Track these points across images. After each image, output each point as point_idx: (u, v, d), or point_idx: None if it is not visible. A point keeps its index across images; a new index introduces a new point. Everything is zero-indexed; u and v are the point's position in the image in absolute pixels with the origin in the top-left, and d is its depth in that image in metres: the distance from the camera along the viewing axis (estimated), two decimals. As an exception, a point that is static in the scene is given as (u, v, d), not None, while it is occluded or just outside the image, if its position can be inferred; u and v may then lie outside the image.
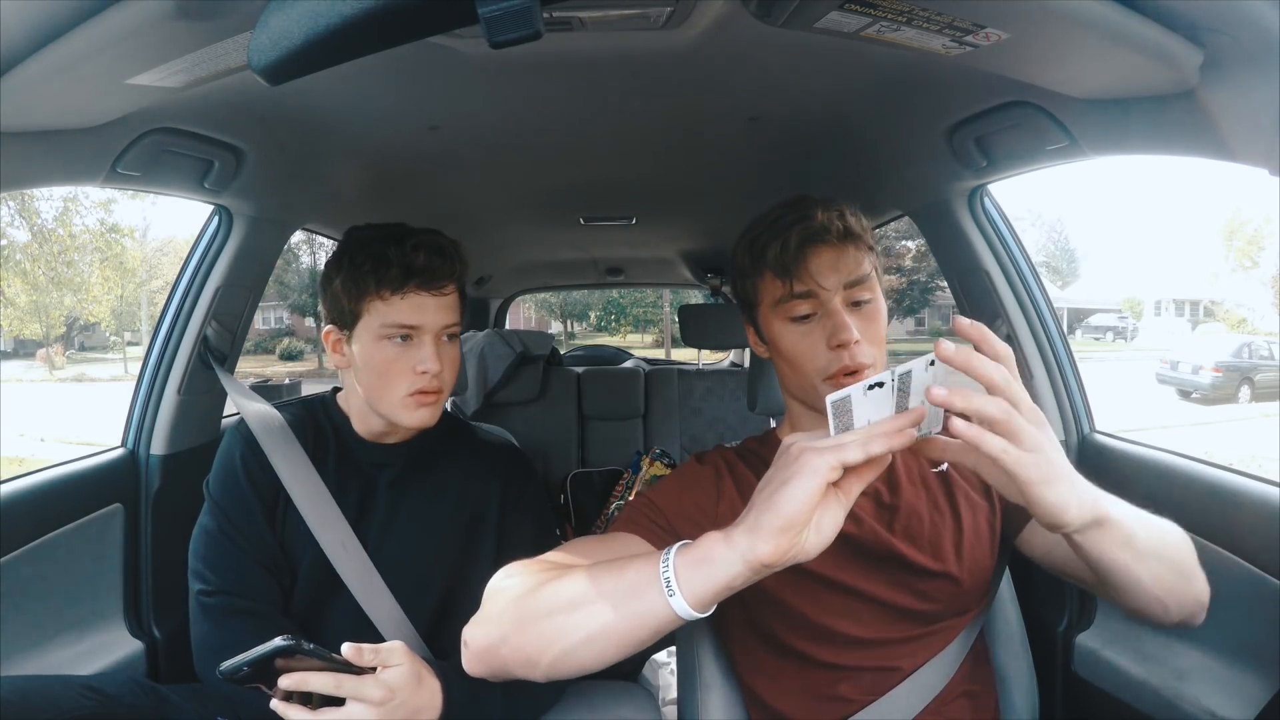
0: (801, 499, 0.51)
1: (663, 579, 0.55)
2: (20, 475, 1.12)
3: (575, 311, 24.77)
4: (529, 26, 0.46)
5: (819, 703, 0.82)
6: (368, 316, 0.94)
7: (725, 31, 0.81)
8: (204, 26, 0.60)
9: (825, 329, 0.80)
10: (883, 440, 0.51)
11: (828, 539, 0.53)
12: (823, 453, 0.52)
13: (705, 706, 0.91)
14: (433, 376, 0.95)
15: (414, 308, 0.93)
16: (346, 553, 0.97)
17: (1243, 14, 0.56)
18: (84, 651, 1.14)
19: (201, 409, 1.38)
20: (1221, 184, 29.22)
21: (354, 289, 0.94)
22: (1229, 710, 0.89)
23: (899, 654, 0.82)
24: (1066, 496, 0.53)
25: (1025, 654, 0.97)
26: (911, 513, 0.83)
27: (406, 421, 0.97)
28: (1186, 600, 0.68)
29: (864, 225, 0.83)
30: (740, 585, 0.54)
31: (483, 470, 1.07)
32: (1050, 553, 0.80)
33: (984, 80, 0.85)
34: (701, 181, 1.62)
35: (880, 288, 0.85)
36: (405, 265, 0.92)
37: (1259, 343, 11.98)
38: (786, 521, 0.51)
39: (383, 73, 0.92)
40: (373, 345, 0.94)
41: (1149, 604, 0.66)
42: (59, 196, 10.66)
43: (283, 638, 0.68)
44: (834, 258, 0.80)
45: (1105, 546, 0.59)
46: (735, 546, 0.53)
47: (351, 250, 0.95)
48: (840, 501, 0.54)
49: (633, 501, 0.84)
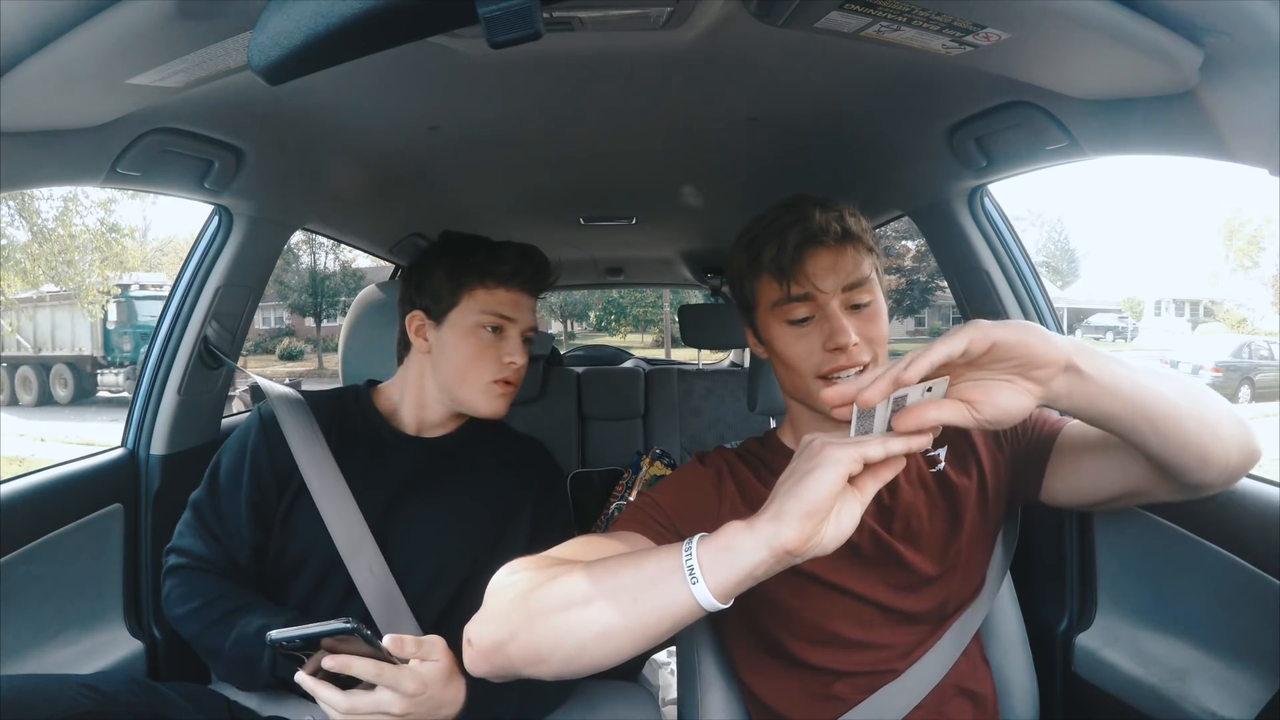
0: (826, 486, 0.52)
1: (685, 567, 0.54)
2: (20, 475, 1.12)
3: (575, 311, 24.78)
4: (529, 26, 0.46)
5: (815, 702, 0.82)
6: (466, 303, 1.02)
7: (725, 31, 0.81)
8: (204, 26, 0.60)
9: (823, 332, 0.79)
10: (902, 441, 0.53)
11: (845, 533, 0.54)
12: (845, 446, 0.53)
13: (705, 706, 0.91)
14: (516, 369, 1.03)
15: (513, 302, 1.03)
16: (356, 543, 0.97)
17: (1243, 14, 0.56)
18: (84, 651, 1.14)
19: (201, 409, 1.38)
20: (1221, 184, 29.24)
21: (460, 277, 1.02)
22: (1229, 710, 0.89)
23: (895, 653, 0.82)
24: (1042, 336, 0.55)
25: (1025, 654, 0.97)
26: (911, 514, 0.83)
27: (484, 409, 1.03)
28: (1218, 448, 0.64)
29: (864, 226, 0.83)
30: (763, 575, 0.54)
31: (518, 469, 1.10)
32: (1078, 482, 0.80)
33: (984, 80, 0.84)
34: (701, 182, 1.62)
35: (881, 289, 0.85)
36: (515, 264, 1.03)
37: (1259, 343, 11.99)
38: (813, 506, 0.52)
39: (383, 73, 0.92)
40: (467, 331, 1.02)
41: (1178, 458, 0.63)
42: (59, 196, 10.65)
43: (344, 620, 0.69)
44: (832, 260, 0.80)
45: (1093, 394, 0.58)
46: (760, 533, 0.53)
47: (457, 244, 1.05)
48: (857, 499, 0.54)
49: (635, 501, 0.84)
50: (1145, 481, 0.71)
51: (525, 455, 1.13)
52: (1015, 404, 0.56)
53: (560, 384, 2.52)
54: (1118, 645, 1.09)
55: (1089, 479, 0.78)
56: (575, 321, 25.49)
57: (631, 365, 3.38)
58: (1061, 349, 0.56)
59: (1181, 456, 0.63)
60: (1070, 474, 0.81)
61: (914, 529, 0.83)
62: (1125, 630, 1.09)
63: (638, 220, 2.07)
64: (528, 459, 1.13)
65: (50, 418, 11.03)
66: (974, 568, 0.85)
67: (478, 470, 1.07)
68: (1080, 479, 0.80)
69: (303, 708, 0.96)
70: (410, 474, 1.04)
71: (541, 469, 1.13)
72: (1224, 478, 0.67)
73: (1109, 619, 1.13)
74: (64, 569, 1.13)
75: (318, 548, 0.98)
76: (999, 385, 0.56)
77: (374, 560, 0.97)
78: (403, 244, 2.02)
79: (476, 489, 1.05)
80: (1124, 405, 0.59)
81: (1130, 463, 0.71)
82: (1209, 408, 0.64)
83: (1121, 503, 0.78)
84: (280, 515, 1.00)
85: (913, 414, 0.54)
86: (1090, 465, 0.78)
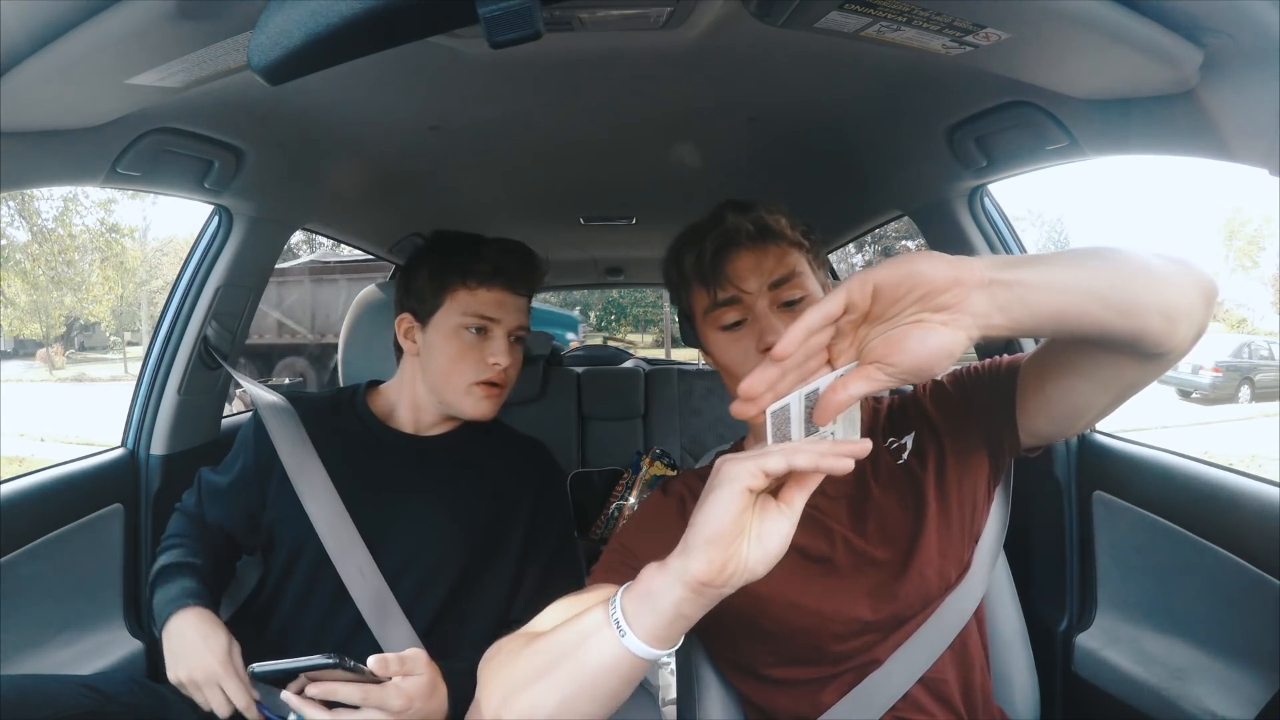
0: (723, 508, 0.49)
1: (612, 621, 0.53)
2: (20, 475, 1.12)
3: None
4: (529, 26, 0.46)
5: (806, 705, 0.82)
6: (450, 304, 1.00)
7: (725, 31, 0.81)
8: (204, 26, 0.60)
9: (754, 333, 0.78)
10: (810, 456, 0.48)
11: (772, 553, 0.51)
12: (742, 461, 0.50)
13: (704, 706, 0.91)
14: (501, 370, 1.00)
15: (496, 302, 1.00)
16: (346, 548, 0.97)
17: (1243, 14, 0.56)
18: (84, 651, 1.14)
19: (201, 409, 1.38)
20: (1221, 184, 29.22)
21: (441, 278, 1.00)
22: (1229, 710, 0.89)
23: (880, 651, 0.80)
24: (934, 259, 0.49)
25: (1025, 654, 0.97)
26: (885, 513, 0.80)
27: (469, 411, 1.01)
28: (1176, 296, 0.58)
29: (784, 223, 0.81)
30: (692, 612, 0.52)
31: (517, 469, 1.09)
32: (1056, 409, 0.73)
33: (984, 80, 0.85)
34: (701, 181, 1.62)
35: (819, 282, 0.83)
36: (497, 262, 1.00)
37: (1259, 343, 11.96)
38: (713, 532, 0.49)
39: (383, 73, 0.92)
40: (450, 333, 1.00)
41: (1143, 326, 0.56)
42: (59, 196, 10.67)
43: (326, 655, 0.71)
44: (754, 260, 0.79)
45: (1028, 297, 0.51)
46: (671, 571, 0.51)
47: (442, 245, 1.03)
48: (784, 513, 0.51)
49: (607, 548, 0.84)
50: (1120, 372, 0.65)
51: (524, 455, 1.12)
52: (933, 342, 0.48)
53: (560, 384, 2.52)
54: (1118, 645, 1.09)
55: (1064, 397, 0.72)
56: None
57: (631, 365, 3.38)
58: (967, 265, 0.49)
59: (1146, 323, 0.56)
60: (1044, 403, 0.74)
61: (890, 530, 0.80)
62: (1125, 630, 1.09)
63: (638, 220, 2.07)
64: (527, 459, 1.12)
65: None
66: (956, 554, 0.80)
67: (475, 470, 1.06)
68: (1056, 403, 0.73)
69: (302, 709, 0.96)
70: (405, 473, 1.03)
71: (541, 469, 1.12)
72: (1195, 328, 0.60)
73: (1109, 619, 1.13)
74: (64, 569, 1.13)
75: (307, 547, 0.98)
76: (907, 330, 0.49)
77: (364, 561, 0.97)
78: (402, 244, 2.02)
79: (473, 489, 1.04)
80: (1066, 294, 0.53)
81: (1101, 359, 0.65)
82: (1148, 261, 0.58)
83: (1106, 408, 0.71)
84: (268, 512, 1.01)
85: (825, 403, 0.49)
86: (1060, 383, 0.71)
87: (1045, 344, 0.73)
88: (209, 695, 0.86)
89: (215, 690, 0.86)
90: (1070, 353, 0.69)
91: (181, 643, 0.88)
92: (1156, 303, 0.56)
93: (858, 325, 0.50)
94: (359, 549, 0.97)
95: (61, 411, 10.50)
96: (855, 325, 0.50)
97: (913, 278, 0.48)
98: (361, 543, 0.98)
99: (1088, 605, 1.16)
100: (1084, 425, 0.75)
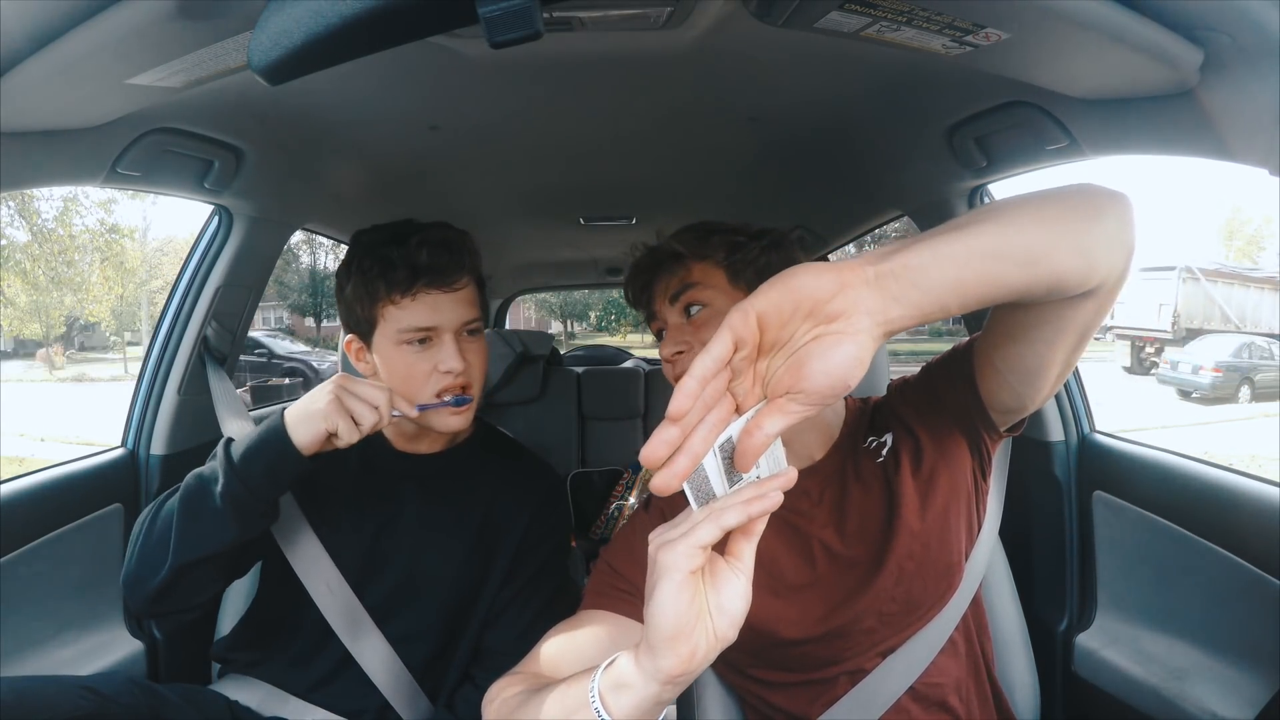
0: (671, 604, 0.47)
1: (594, 709, 0.53)
2: (20, 475, 1.12)
3: (575, 311, 24.77)
4: (529, 26, 0.46)
5: (802, 705, 0.82)
6: (383, 323, 0.91)
7: (725, 31, 0.81)
8: (204, 26, 0.60)
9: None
10: (738, 512, 0.45)
11: (737, 615, 0.49)
12: (674, 544, 0.47)
13: (703, 706, 0.91)
14: (456, 375, 0.91)
15: (428, 308, 0.89)
16: (332, 593, 0.95)
17: (1243, 14, 0.56)
18: (84, 651, 1.14)
19: (201, 409, 1.37)
20: (1221, 184, 29.22)
21: (365, 296, 0.91)
22: (1229, 710, 0.89)
23: (873, 654, 0.79)
24: (808, 269, 0.46)
25: (1025, 654, 0.97)
26: (865, 512, 0.80)
27: (439, 425, 0.93)
28: (1090, 233, 0.54)
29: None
30: (672, 697, 0.51)
31: (517, 492, 1.03)
32: (1012, 377, 0.71)
33: (984, 80, 0.84)
34: (701, 181, 1.62)
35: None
36: (411, 265, 0.88)
37: (1259, 343, 11.95)
38: (670, 630, 0.47)
39: (383, 73, 0.92)
40: (393, 351, 0.91)
41: (1065, 271, 0.53)
42: (59, 196, 10.68)
43: None
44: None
45: (927, 279, 0.47)
46: (643, 668, 0.50)
47: (358, 256, 0.92)
48: (736, 569, 0.49)
49: (596, 569, 0.83)
50: (1061, 323, 0.62)
51: (524, 474, 1.06)
52: (837, 357, 0.43)
53: (560, 384, 2.52)
54: (1118, 645, 1.09)
55: (1016, 364, 0.70)
56: (575, 322, 25.48)
57: (631, 365, 3.38)
58: (849, 266, 0.46)
59: (1057, 265, 0.53)
60: (997, 374, 0.73)
61: (869, 529, 0.79)
62: (1125, 630, 1.09)
63: (638, 220, 2.07)
64: (526, 477, 1.06)
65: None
66: (947, 547, 0.79)
67: (470, 494, 1.01)
68: (1008, 371, 0.71)
69: (304, 708, 0.96)
70: (399, 499, 0.99)
71: (541, 494, 1.05)
72: (1118, 251, 0.56)
73: (1109, 619, 1.13)
74: (64, 569, 1.13)
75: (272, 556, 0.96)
76: (807, 350, 0.45)
77: (331, 577, 0.95)
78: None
79: (467, 507, 1.00)
80: (958, 264, 0.48)
81: (1036, 315, 0.63)
82: (1039, 203, 0.55)
83: (1065, 362, 0.68)
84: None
85: (743, 450, 0.45)
86: (1005, 350, 0.69)
87: (989, 316, 0.71)
88: (360, 394, 0.81)
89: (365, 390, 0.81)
90: (1005, 317, 0.67)
91: (296, 406, 0.82)
92: (1060, 241, 0.53)
93: (754, 360, 0.46)
94: (325, 563, 0.95)
95: (61, 411, 10.50)
96: (751, 360, 0.46)
97: (795, 294, 0.44)
98: (327, 556, 0.95)
99: (1088, 605, 1.16)
100: (1047, 387, 0.71)
